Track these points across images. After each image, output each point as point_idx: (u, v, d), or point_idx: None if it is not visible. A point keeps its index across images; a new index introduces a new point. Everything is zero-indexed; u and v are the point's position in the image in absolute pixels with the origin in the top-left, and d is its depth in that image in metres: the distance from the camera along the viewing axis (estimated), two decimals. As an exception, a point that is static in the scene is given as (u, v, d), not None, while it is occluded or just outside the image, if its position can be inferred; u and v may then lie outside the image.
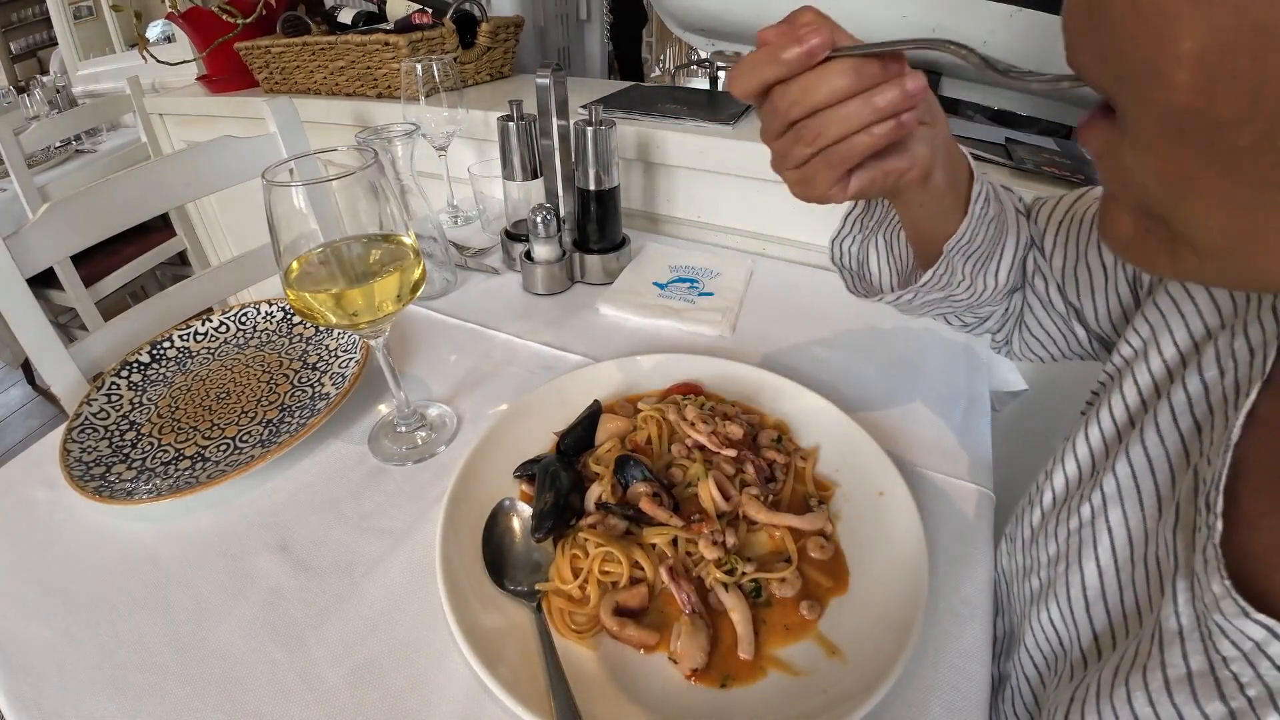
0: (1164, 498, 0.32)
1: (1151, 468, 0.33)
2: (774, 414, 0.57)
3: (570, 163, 0.79)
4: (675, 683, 0.39)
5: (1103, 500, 0.35)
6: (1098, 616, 0.34)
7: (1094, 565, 0.35)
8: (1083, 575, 0.35)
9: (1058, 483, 0.39)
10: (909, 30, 0.76)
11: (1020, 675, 0.40)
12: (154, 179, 0.83)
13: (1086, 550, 0.35)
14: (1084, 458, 0.38)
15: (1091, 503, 0.35)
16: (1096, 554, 0.35)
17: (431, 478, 0.54)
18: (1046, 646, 0.38)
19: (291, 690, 0.39)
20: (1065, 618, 0.36)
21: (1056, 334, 0.48)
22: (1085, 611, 0.35)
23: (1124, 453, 0.34)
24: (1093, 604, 0.34)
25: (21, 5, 4.16)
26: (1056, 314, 0.47)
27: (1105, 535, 0.34)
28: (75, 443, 0.56)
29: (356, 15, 1.24)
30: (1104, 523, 0.34)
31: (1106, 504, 0.34)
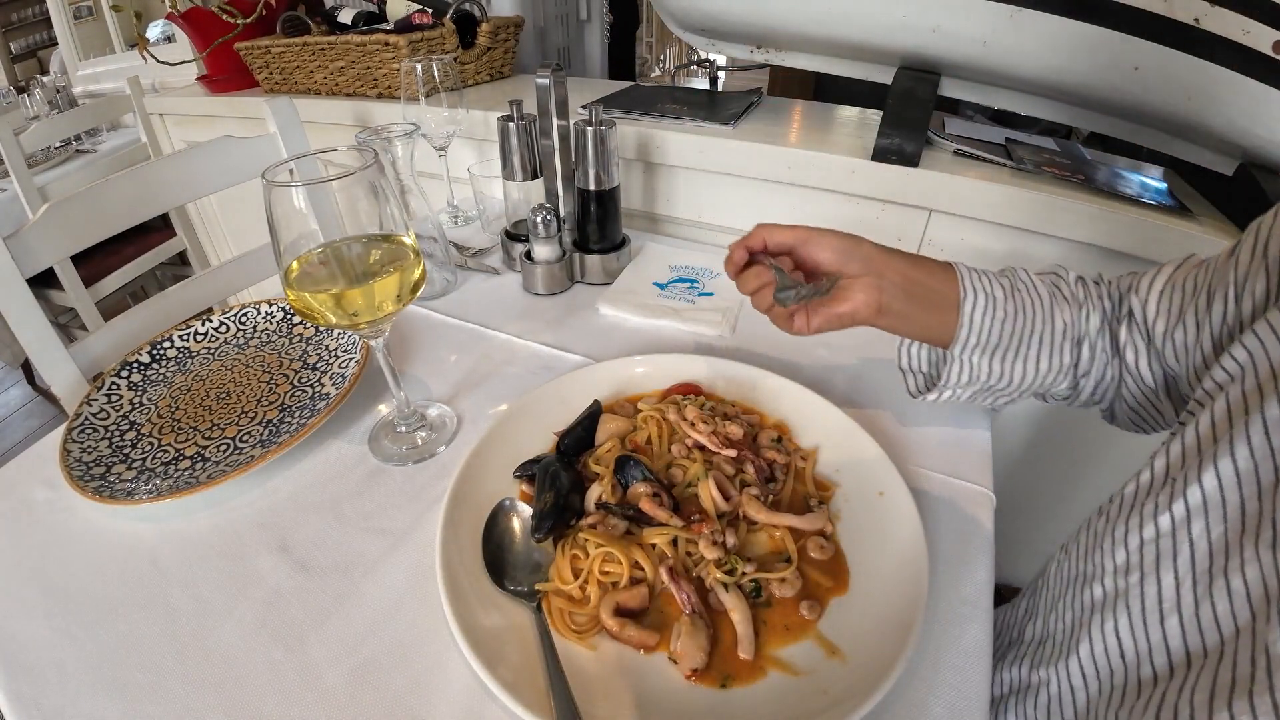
0: (1250, 512, 0.31)
1: (1239, 480, 0.32)
2: (774, 414, 0.57)
3: (570, 163, 0.79)
4: (675, 683, 0.39)
5: (1186, 512, 0.34)
6: (1171, 631, 0.33)
7: (1171, 577, 0.34)
8: (1159, 587, 0.34)
9: (1128, 492, 0.38)
10: (908, 30, 0.76)
11: (1065, 684, 0.39)
12: (154, 179, 0.83)
13: (1165, 561, 0.34)
14: (1159, 469, 0.37)
15: (1173, 513, 0.34)
16: (1175, 565, 0.34)
17: (431, 478, 0.54)
18: (1105, 659, 0.37)
19: (291, 690, 0.39)
20: (1135, 631, 0.35)
21: (1145, 409, 0.49)
22: (1160, 625, 0.34)
23: (1212, 464, 0.33)
24: (1167, 617, 0.33)
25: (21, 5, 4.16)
26: (1145, 388, 0.48)
27: (1186, 547, 0.33)
28: (75, 443, 0.56)
29: (356, 15, 1.24)
30: (1185, 534, 0.34)
31: (1190, 516, 0.34)
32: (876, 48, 0.82)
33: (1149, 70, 0.69)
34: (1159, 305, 0.46)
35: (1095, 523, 0.41)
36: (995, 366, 0.49)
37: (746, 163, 0.90)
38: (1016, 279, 0.50)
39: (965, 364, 0.49)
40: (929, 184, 0.81)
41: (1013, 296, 0.49)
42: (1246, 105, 0.67)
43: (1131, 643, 0.35)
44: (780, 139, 0.90)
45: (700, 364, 0.61)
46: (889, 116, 0.81)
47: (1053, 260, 0.80)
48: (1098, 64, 0.71)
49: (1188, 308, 0.43)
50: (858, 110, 1.06)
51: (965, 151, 0.85)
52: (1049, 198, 0.76)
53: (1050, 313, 0.49)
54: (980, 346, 0.49)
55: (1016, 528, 1.06)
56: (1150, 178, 0.87)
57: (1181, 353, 0.44)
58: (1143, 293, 0.47)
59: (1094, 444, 0.93)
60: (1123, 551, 0.37)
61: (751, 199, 0.95)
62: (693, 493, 0.47)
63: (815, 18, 0.80)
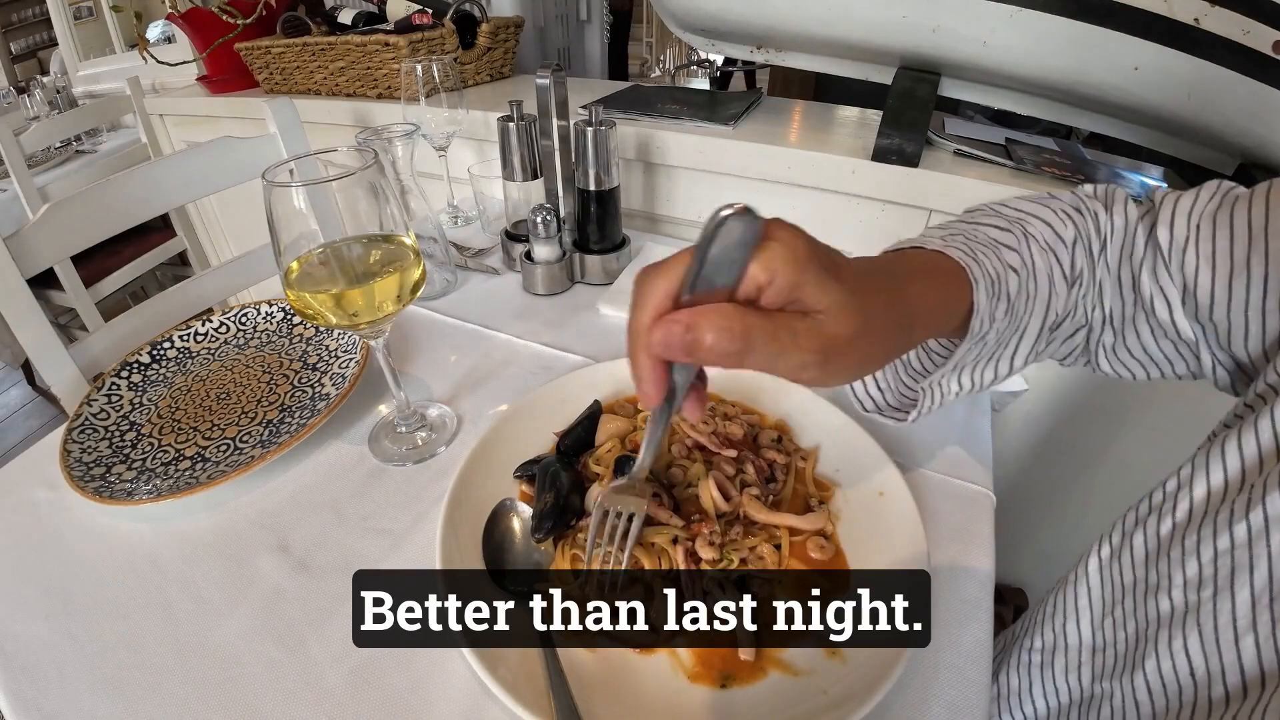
0: None
1: None
2: (774, 414, 0.57)
3: (570, 163, 0.79)
4: (675, 683, 0.39)
5: (1264, 521, 0.31)
6: (1246, 651, 0.31)
7: (1247, 593, 0.31)
8: (1234, 604, 0.32)
9: (1198, 494, 0.35)
10: (908, 30, 0.76)
11: (1130, 699, 0.37)
12: (154, 179, 0.83)
13: (1240, 576, 0.32)
14: (1234, 469, 0.34)
15: (1249, 522, 0.31)
16: (1252, 581, 0.31)
17: (431, 478, 0.54)
18: (1174, 677, 0.34)
19: (291, 690, 0.39)
20: (1208, 649, 0.33)
21: (1165, 359, 0.43)
22: (1234, 645, 0.32)
23: None
24: (1242, 636, 0.31)
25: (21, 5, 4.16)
26: (1180, 341, 0.41)
27: (1264, 561, 0.31)
28: (75, 443, 0.56)
29: (356, 16, 1.24)
30: (1264, 547, 0.31)
31: (1269, 527, 0.31)
32: (876, 48, 0.82)
33: (1149, 70, 0.69)
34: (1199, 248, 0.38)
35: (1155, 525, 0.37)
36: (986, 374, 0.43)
37: (746, 163, 0.90)
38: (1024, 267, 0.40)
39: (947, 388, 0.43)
40: (929, 184, 0.81)
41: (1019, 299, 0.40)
42: (1246, 105, 0.67)
43: (1203, 662, 0.33)
44: (780, 139, 0.90)
45: (700, 364, 0.61)
46: (889, 116, 0.81)
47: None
48: (1098, 64, 0.71)
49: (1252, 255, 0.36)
50: (858, 110, 1.06)
51: (965, 151, 0.85)
52: (1049, 198, 0.76)
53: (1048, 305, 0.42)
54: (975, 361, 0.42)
55: (1016, 528, 1.06)
56: (1150, 178, 0.87)
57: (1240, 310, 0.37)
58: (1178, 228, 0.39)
59: (1094, 444, 0.93)
60: (1194, 563, 0.34)
61: (751, 199, 0.94)
62: (693, 493, 0.47)
63: (816, 17, 0.80)
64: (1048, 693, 0.44)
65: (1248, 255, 0.36)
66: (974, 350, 0.40)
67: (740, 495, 0.47)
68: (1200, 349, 0.41)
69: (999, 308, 0.38)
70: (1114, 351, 0.44)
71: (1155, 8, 0.65)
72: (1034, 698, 0.45)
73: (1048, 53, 0.72)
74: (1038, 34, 0.71)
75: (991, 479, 0.53)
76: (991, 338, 0.39)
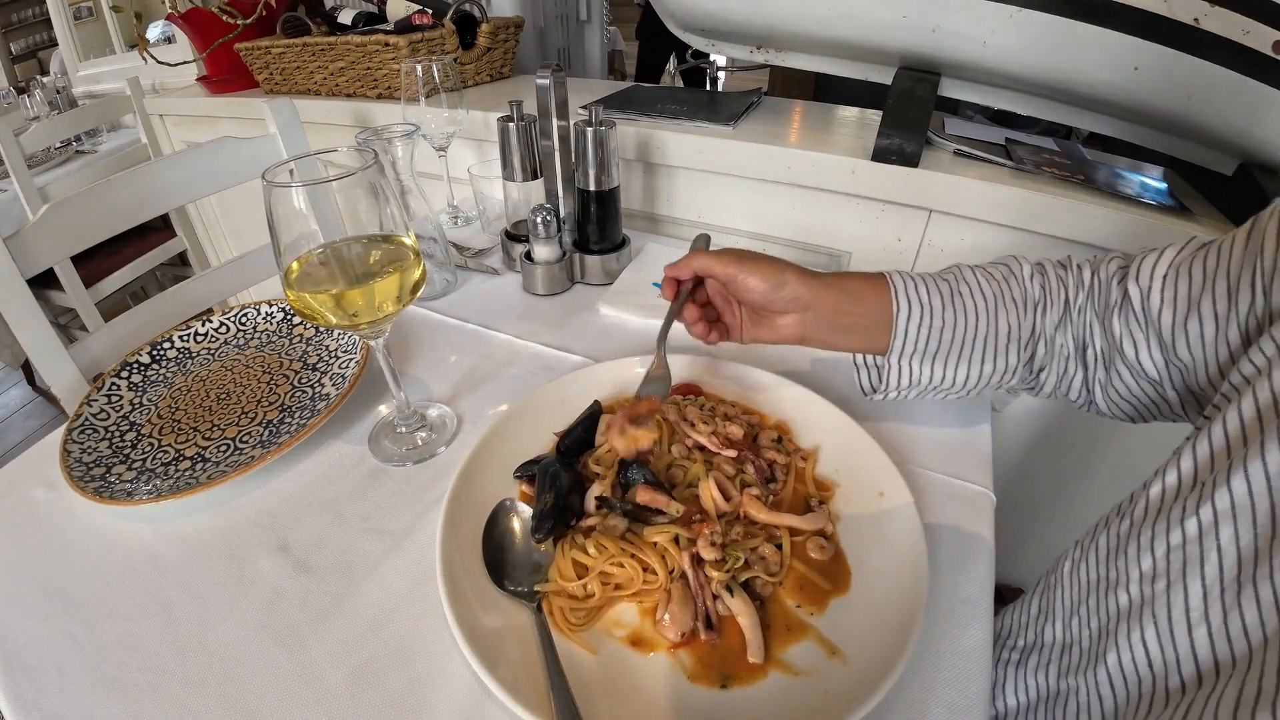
0: None
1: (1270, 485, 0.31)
2: (774, 414, 0.57)
3: (570, 163, 0.79)
4: (675, 683, 0.39)
5: (1214, 516, 0.33)
6: (1200, 641, 0.32)
7: (1199, 585, 0.33)
8: (1186, 595, 0.33)
9: (1154, 494, 0.37)
10: (908, 30, 0.76)
11: (1094, 693, 0.38)
12: (154, 179, 0.83)
13: (1192, 569, 0.33)
14: (1187, 471, 0.36)
15: (1200, 518, 0.33)
16: (1203, 573, 0.33)
17: (431, 478, 0.54)
18: (1134, 669, 0.36)
19: (291, 690, 0.39)
20: (1163, 640, 0.34)
21: (1144, 400, 0.47)
22: (1187, 635, 0.33)
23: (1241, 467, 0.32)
24: (1195, 627, 0.33)
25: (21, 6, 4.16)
26: (1146, 380, 0.46)
27: (1214, 554, 0.32)
28: (75, 443, 0.56)
29: (356, 16, 1.24)
30: (1214, 540, 0.32)
31: (1218, 521, 0.32)
32: (876, 48, 0.82)
33: (1149, 70, 0.69)
34: (1164, 294, 0.43)
35: (1116, 525, 0.39)
36: (936, 370, 0.50)
37: (746, 163, 0.90)
38: (960, 282, 0.50)
39: (904, 369, 0.50)
40: (929, 184, 0.81)
41: (951, 303, 0.49)
42: (1246, 105, 0.67)
43: (1159, 653, 0.34)
44: (780, 139, 0.90)
45: (700, 364, 0.61)
46: (889, 116, 0.81)
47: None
48: (1098, 64, 0.71)
49: (1202, 297, 0.41)
50: (858, 110, 1.06)
51: (965, 151, 0.85)
52: (1049, 198, 0.76)
53: (994, 317, 0.49)
54: (917, 353, 0.49)
55: (1016, 528, 1.06)
56: (1150, 178, 0.87)
57: (1197, 345, 0.42)
58: (1144, 280, 0.44)
59: (1094, 444, 0.93)
60: (1149, 558, 0.36)
61: (751, 199, 0.95)
62: (693, 493, 0.47)
63: (816, 17, 0.80)
64: (1019, 690, 0.45)
65: (1199, 297, 0.41)
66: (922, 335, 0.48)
67: (740, 495, 0.47)
68: (1165, 388, 0.45)
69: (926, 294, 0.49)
70: (1106, 390, 0.49)
71: (1155, 8, 0.65)
72: (1005, 694, 0.46)
73: (1048, 53, 0.72)
74: (1038, 34, 0.71)
75: (991, 479, 0.53)
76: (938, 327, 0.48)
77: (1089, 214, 0.74)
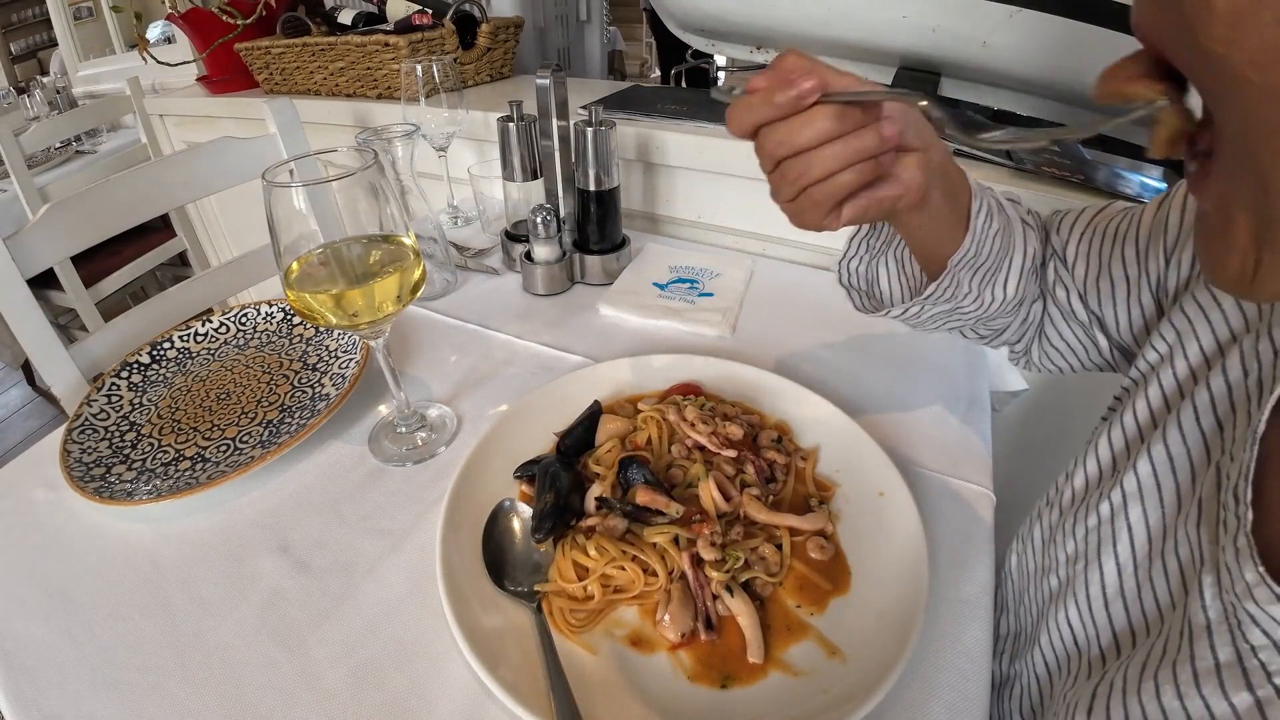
0: (1184, 494, 0.33)
1: (1173, 465, 0.33)
2: (774, 414, 0.57)
3: (570, 163, 0.79)
4: (675, 683, 0.39)
5: (1123, 498, 0.35)
6: (1116, 615, 0.34)
7: (1113, 563, 0.35)
8: (1102, 574, 0.35)
9: (1077, 482, 0.39)
10: (908, 30, 0.76)
11: (1031, 674, 0.40)
12: (154, 180, 0.83)
13: (1106, 548, 0.35)
14: (1105, 458, 0.38)
15: (1111, 501, 0.35)
16: (1116, 551, 0.35)
17: (431, 478, 0.54)
18: (1062, 646, 0.38)
19: (291, 691, 0.39)
20: (1084, 616, 0.36)
21: (1077, 344, 0.48)
22: (1105, 610, 0.35)
23: (1145, 452, 0.34)
24: (1111, 602, 0.35)
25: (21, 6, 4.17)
26: (1078, 323, 0.47)
27: (1125, 533, 0.35)
28: (75, 443, 0.56)
29: (356, 16, 1.24)
30: (1124, 520, 0.35)
31: (1127, 502, 0.35)
32: (876, 48, 0.82)
33: (1149, 70, 0.69)
34: (1078, 248, 0.45)
35: (1048, 514, 0.41)
36: (974, 286, 0.45)
37: (746, 163, 0.89)
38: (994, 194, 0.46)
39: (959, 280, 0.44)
40: (929, 184, 0.81)
41: (1001, 211, 0.45)
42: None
43: (1081, 627, 0.36)
44: (780, 139, 0.90)
45: (700, 364, 0.61)
46: (889, 117, 0.81)
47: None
48: (1098, 64, 0.71)
49: (1112, 258, 0.43)
50: (858, 110, 1.06)
51: (965, 151, 0.85)
52: (1049, 198, 0.76)
53: (1024, 236, 0.46)
54: (972, 264, 0.44)
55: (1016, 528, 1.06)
56: (1150, 178, 0.87)
57: (1109, 303, 0.44)
58: (1064, 234, 0.46)
59: (1094, 444, 0.93)
60: (1072, 542, 0.38)
61: (751, 199, 0.94)
62: (693, 493, 0.47)
63: (816, 18, 0.80)
64: None
65: (1109, 258, 0.43)
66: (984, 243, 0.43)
67: (740, 495, 0.47)
68: (1095, 332, 0.46)
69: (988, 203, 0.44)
70: (1040, 342, 0.50)
71: (1155, 8, 0.65)
72: None
73: (1047, 53, 0.72)
74: (1037, 34, 0.71)
75: (991, 479, 0.53)
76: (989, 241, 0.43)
77: (1089, 214, 0.74)
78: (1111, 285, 0.43)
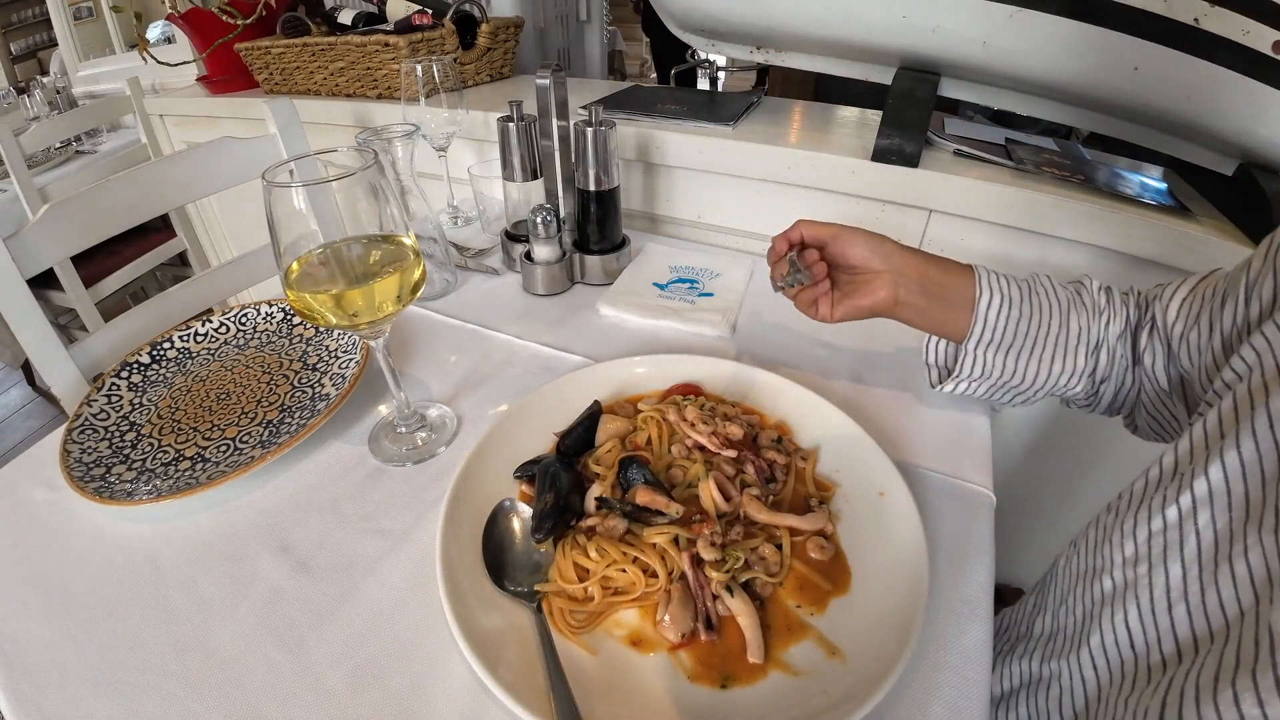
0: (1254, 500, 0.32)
1: (1244, 470, 0.33)
2: (774, 414, 0.57)
3: (570, 163, 0.79)
4: (675, 683, 0.39)
5: (1192, 503, 0.35)
6: (1179, 619, 0.34)
7: (1179, 567, 0.34)
8: (1167, 577, 0.35)
9: (1136, 487, 0.39)
10: (908, 30, 0.76)
11: (1076, 676, 0.40)
12: (154, 180, 0.83)
13: (1172, 552, 0.35)
14: (1169, 464, 0.38)
15: (1180, 505, 0.35)
16: (1183, 555, 0.34)
17: (431, 478, 0.54)
18: (1115, 649, 0.37)
19: (291, 691, 0.39)
20: (1145, 620, 0.36)
21: (1161, 414, 0.51)
22: (1168, 614, 0.35)
23: (1218, 458, 0.34)
24: (1175, 606, 0.34)
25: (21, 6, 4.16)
26: (1160, 390, 0.50)
27: (1193, 537, 0.34)
28: (75, 443, 0.56)
29: (356, 16, 1.24)
30: (1192, 525, 0.34)
31: (1196, 507, 0.34)
32: (877, 48, 0.82)
33: (1149, 70, 0.69)
34: (1179, 310, 0.47)
35: (1104, 519, 0.41)
36: (1009, 364, 0.52)
37: (746, 163, 0.90)
38: (1036, 284, 0.52)
39: (978, 358, 0.52)
40: (929, 184, 0.81)
41: (1029, 298, 0.51)
42: (1246, 105, 0.67)
43: (1141, 632, 0.36)
44: (780, 139, 0.90)
45: (700, 364, 0.61)
46: (889, 116, 0.81)
47: (1056, 260, 0.80)
48: (1098, 64, 0.71)
49: (1203, 311, 0.45)
50: (858, 110, 1.06)
51: (965, 151, 0.85)
52: (1049, 198, 0.76)
53: (1066, 317, 0.51)
54: (993, 343, 0.51)
55: (1016, 528, 1.06)
56: (1150, 178, 0.87)
57: (1195, 354, 0.45)
58: (1165, 299, 0.49)
59: (1094, 444, 0.93)
60: (1131, 544, 0.38)
61: (751, 199, 0.95)
62: (693, 493, 0.47)
63: (816, 18, 0.80)
64: (1003, 677, 0.47)
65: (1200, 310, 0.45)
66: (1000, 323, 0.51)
67: (740, 495, 0.47)
68: (1175, 401, 0.49)
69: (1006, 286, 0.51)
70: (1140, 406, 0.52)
71: (1155, 8, 0.65)
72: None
73: (1047, 53, 0.72)
74: (1037, 34, 0.71)
75: (991, 479, 0.53)
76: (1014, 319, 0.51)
77: (1089, 214, 0.74)
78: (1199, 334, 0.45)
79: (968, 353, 0.52)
